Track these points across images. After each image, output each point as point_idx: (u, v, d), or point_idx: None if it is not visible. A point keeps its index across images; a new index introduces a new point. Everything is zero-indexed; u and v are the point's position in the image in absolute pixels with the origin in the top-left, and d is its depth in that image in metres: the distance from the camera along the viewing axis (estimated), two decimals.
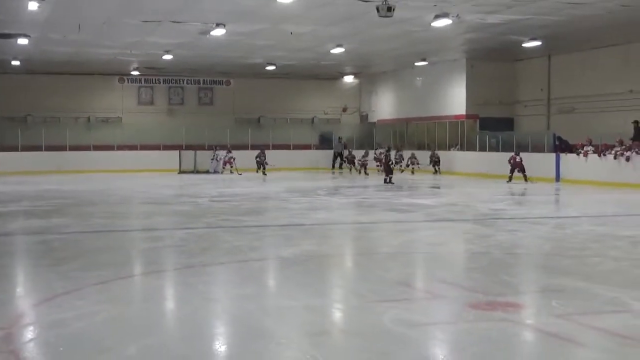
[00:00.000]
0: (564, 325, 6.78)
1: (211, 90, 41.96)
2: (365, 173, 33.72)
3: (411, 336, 6.69)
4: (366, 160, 34.24)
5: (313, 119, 42.72)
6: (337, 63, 35.38)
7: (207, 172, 34.33)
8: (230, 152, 34.59)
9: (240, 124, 40.94)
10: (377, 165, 32.49)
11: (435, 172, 33.36)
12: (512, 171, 26.75)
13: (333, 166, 39.10)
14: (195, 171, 34.54)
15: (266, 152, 34.35)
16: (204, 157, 35.08)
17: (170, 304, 8.18)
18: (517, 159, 26.84)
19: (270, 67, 36.10)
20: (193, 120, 39.70)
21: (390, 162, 28.04)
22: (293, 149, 39.27)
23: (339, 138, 39.90)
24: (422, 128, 38.14)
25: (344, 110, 43.62)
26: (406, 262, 10.88)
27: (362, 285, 8.78)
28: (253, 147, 36.41)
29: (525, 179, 26.40)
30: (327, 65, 35.66)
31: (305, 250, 11.44)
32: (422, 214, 16.74)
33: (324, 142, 41.41)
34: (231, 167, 33.98)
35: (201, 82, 41.54)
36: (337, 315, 7.59)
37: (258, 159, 33.92)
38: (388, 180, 26.70)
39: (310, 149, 40.83)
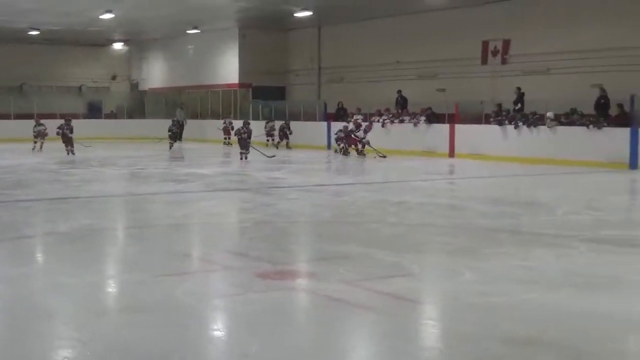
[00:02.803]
0: (352, 291, 6.97)
1: None
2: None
3: (204, 309, 6.66)
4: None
5: (81, 87, 41.10)
6: (106, 29, 34.27)
7: None
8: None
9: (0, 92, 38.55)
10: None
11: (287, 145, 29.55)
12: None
13: (176, 139, 31.56)
14: None
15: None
16: None
17: None
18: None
19: (34, 32, 34.37)
20: None
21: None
22: (60, 118, 37.54)
23: (181, 104, 36.72)
24: (196, 97, 37.88)
25: (113, 78, 42.43)
26: (191, 233, 10.80)
27: (149, 259, 8.57)
28: (16, 117, 34.55)
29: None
30: (95, 31, 34.46)
31: (84, 224, 11.04)
32: (201, 184, 16.61)
33: (92, 111, 39.85)
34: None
35: None
36: (126, 291, 7.37)
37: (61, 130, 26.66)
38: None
39: (79, 118, 39.19)
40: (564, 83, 23.14)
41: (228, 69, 35.20)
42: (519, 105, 22.91)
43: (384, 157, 23.21)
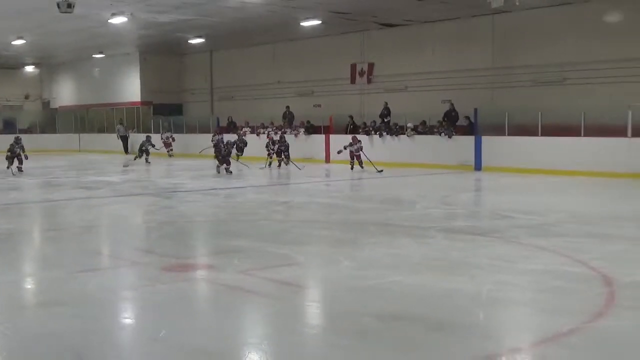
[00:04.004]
0: (247, 279, 6.95)
1: None
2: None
3: (116, 300, 6.51)
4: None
5: None
6: (18, 54, 32.98)
7: None
8: None
9: None
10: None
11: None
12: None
13: (126, 151, 32.59)
14: None
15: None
16: None
17: None
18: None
19: None
20: None
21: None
22: None
23: (120, 120, 34.67)
24: (102, 113, 37.00)
25: (26, 97, 40.86)
26: (102, 234, 10.51)
27: (64, 258, 8.30)
28: None
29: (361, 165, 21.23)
30: (8, 55, 33.14)
31: (3, 229, 10.55)
32: (109, 190, 16.17)
33: (7, 127, 38.20)
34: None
35: None
36: (44, 287, 7.10)
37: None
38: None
39: None
40: (419, 99, 23.72)
41: (131, 88, 34.53)
42: (388, 117, 23.37)
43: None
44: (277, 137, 23.59)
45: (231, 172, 19.75)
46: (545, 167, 18.68)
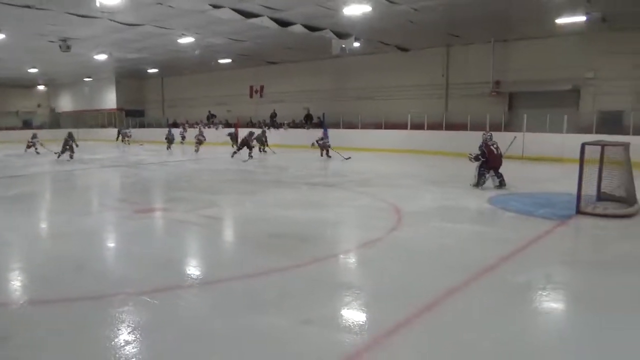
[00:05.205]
0: (189, 215, 6.75)
1: None
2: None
3: (103, 232, 6.15)
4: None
5: (17, 111, 35.48)
6: (33, 77, 29.92)
7: None
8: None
9: None
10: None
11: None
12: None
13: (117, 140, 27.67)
14: None
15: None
16: None
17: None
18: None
19: None
20: None
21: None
22: (5, 129, 32.32)
23: (123, 121, 30.77)
24: (91, 116, 34.34)
25: (39, 106, 37.16)
26: (93, 191, 9.80)
27: (68, 207, 7.67)
28: None
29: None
30: (26, 78, 29.96)
31: (28, 189, 9.61)
32: (98, 164, 15.01)
33: (26, 124, 34.54)
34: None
35: None
36: (54, 225, 6.56)
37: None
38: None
39: (15, 129, 33.88)
40: (291, 107, 23.56)
41: (109, 100, 32.16)
42: (275, 118, 23.19)
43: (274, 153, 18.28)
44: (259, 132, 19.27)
45: (251, 157, 16.18)
46: (362, 146, 19.17)
